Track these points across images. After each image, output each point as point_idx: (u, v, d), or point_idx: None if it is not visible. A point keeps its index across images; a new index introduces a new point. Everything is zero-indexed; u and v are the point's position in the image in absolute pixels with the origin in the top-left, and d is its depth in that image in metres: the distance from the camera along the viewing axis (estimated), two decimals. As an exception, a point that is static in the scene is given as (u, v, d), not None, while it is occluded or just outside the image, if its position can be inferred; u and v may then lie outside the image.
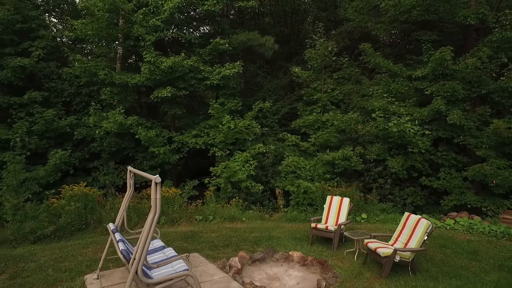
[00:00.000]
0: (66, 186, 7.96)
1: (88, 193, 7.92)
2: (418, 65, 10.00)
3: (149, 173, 10.79)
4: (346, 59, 12.07)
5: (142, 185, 10.65)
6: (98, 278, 4.73)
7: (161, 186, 3.39)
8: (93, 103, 10.80)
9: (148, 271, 3.79)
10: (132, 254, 3.62)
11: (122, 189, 9.97)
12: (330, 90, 11.96)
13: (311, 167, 10.55)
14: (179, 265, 4.02)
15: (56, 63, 12.07)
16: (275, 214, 9.63)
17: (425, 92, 8.94)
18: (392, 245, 5.23)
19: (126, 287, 3.41)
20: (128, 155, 11.69)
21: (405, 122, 8.51)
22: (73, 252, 6.15)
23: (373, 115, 9.29)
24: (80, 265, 5.43)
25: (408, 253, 4.82)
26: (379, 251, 4.88)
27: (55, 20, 14.51)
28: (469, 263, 5.37)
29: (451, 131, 8.87)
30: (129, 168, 4.86)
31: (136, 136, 10.43)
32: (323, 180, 10.05)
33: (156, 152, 10.50)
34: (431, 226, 4.90)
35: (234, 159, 10.82)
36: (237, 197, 9.79)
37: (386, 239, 5.54)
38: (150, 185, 3.74)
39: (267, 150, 11.24)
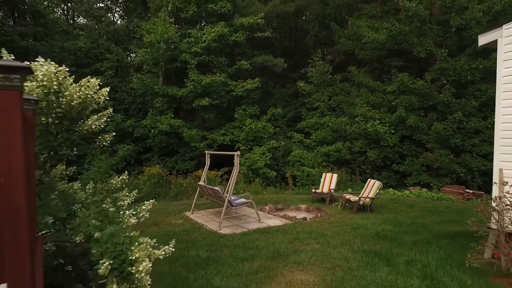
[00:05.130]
0: (147, 168, 11.65)
1: (160, 173, 11.60)
2: (391, 81, 13.65)
3: (189, 163, 14.83)
4: (339, 76, 15.75)
5: (188, 170, 14.32)
6: (192, 213, 8.43)
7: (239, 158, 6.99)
8: (150, 109, 14.49)
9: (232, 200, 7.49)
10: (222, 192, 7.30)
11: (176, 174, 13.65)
12: (326, 100, 15.63)
13: (312, 158, 14.22)
14: (243, 199, 7.70)
15: (118, 78, 15.81)
16: (286, 191, 13.31)
17: (392, 103, 12.61)
18: (359, 197, 8.89)
19: (224, 207, 7.07)
20: (173, 149, 15.36)
21: (377, 124, 12.18)
22: (162, 207, 9.79)
23: (356, 119, 12.96)
24: (175, 210, 9.08)
25: (368, 199, 8.48)
26: (351, 199, 8.56)
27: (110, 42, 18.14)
28: (406, 209, 9.03)
29: (411, 130, 12.52)
30: (207, 151, 8.57)
31: (183, 135, 14.07)
32: (321, 166, 13.71)
33: (197, 146, 14.18)
34: (381, 185, 8.55)
35: (254, 152, 14.47)
36: (256, 180, 13.44)
37: (357, 195, 9.19)
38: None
39: (279, 145, 14.92)
